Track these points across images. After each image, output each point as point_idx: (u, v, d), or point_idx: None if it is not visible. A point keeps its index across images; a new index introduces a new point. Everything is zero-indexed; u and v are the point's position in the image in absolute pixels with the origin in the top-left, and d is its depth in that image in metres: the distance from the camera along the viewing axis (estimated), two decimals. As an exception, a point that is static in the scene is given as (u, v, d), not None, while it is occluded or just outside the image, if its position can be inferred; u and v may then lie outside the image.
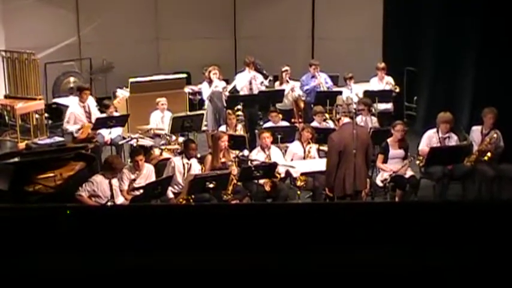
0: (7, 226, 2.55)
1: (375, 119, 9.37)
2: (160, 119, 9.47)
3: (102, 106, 9.47)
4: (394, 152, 8.06)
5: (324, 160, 7.22)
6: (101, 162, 8.23)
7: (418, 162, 8.15)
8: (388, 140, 8.09)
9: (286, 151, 8.36)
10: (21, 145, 10.28)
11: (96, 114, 9.28)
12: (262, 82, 10.51)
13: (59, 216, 2.56)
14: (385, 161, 8.06)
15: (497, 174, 8.01)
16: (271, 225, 2.54)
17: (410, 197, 7.85)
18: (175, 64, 12.74)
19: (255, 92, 10.34)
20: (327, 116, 9.12)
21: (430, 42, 11.01)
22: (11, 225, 2.55)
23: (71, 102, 9.87)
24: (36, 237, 2.50)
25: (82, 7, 12.66)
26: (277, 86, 10.81)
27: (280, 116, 9.40)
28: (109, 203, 7.08)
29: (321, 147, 8.23)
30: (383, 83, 10.58)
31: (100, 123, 8.96)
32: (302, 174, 7.77)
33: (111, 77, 12.46)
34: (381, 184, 7.93)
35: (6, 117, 11.27)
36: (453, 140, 8.19)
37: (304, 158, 8.15)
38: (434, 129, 8.24)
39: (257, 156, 8.03)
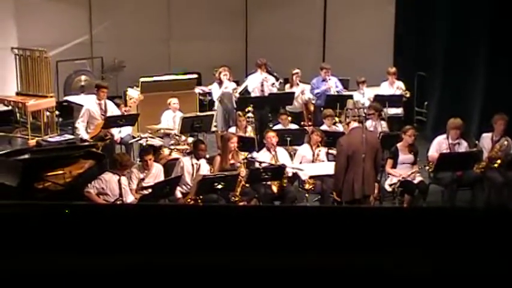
0: (15, 222, 2.54)
1: (384, 123, 9.36)
2: (172, 119, 9.47)
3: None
4: (404, 157, 8.03)
5: (333, 164, 7.20)
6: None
7: (427, 168, 8.12)
8: (398, 145, 8.07)
9: (295, 154, 8.35)
10: (32, 142, 10.31)
11: (114, 112, 9.19)
12: (273, 84, 10.51)
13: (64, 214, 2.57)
14: (394, 166, 8.04)
15: (506, 181, 7.95)
16: (278, 227, 2.53)
17: (418, 203, 7.82)
18: (186, 64, 12.75)
19: (266, 93, 10.36)
20: (337, 119, 9.15)
21: (441, 47, 10.99)
22: (18, 222, 2.55)
23: (88, 100, 9.84)
24: (41, 235, 2.50)
25: (95, 6, 12.69)
26: (287, 88, 10.82)
27: (290, 118, 9.41)
28: (118, 202, 7.07)
29: (330, 151, 8.24)
30: (393, 87, 10.56)
31: (111, 122, 8.95)
32: (310, 177, 7.80)
33: (122, 76, 12.49)
34: (389, 189, 7.91)
35: (18, 114, 11.31)
36: (463, 147, 8.15)
37: (313, 161, 8.15)
38: (444, 135, 8.21)
39: (263, 156, 8.02)
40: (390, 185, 7.92)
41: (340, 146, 6.82)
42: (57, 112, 11.27)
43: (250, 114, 9.52)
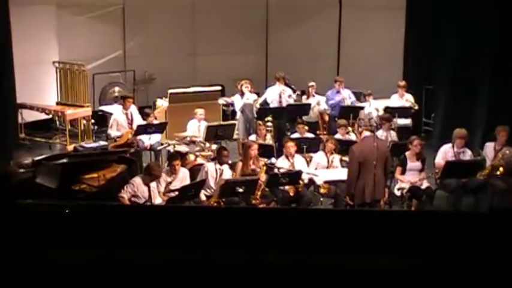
0: (54, 221, 2.57)
1: (394, 133, 9.29)
2: (197, 128, 9.47)
3: (143, 114, 9.54)
4: (412, 164, 7.96)
5: (346, 170, 7.20)
6: (141, 165, 8.32)
7: (433, 175, 8.05)
8: (406, 153, 8.00)
9: (311, 160, 8.32)
10: (70, 148, 10.35)
11: (138, 121, 9.28)
12: (290, 95, 10.46)
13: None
14: (403, 173, 7.97)
15: (508, 187, 7.86)
16: (295, 227, 2.54)
17: (425, 207, 7.77)
18: (210, 77, 12.78)
19: (284, 104, 10.30)
20: (350, 129, 9.11)
21: (448, 63, 10.89)
22: (58, 220, 2.58)
23: (115, 110, 9.92)
24: (74, 232, 2.53)
25: (128, 23, 12.74)
26: (304, 99, 10.81)
27: (306, 127, 9.36)
28: (147, 203, 7.09)
29: (343, 158, 8.19)
30: (403, 99, 10.48)
31: (141, 130, 9.00)
32: (325, 182, 7.79)
33: (152, 88, 12.52)
34: (398, 194, 7.85)
35: (57, 122, 11.37)
36: (467, 155, 8.09)
37: (327, 167, 8.14)
38: (450, 144, 8.14)
39: (282, 163, 7.98)
40: (399, 190, 7.87)
41: (353, 153, 6.81)
42: (92, 120, 11.32)
43: (269, 124, 9.51)
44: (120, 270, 2.39)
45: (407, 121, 10.34)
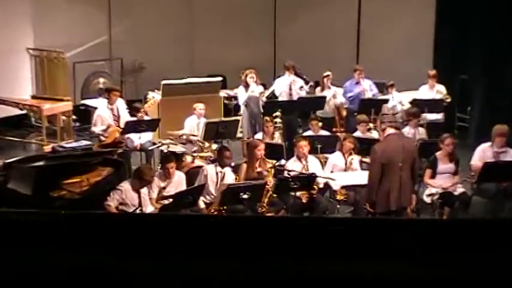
0: (29, 231, 2.61)
1: (423, 130, 9.27)
2: (196, 125, 9.43)
3: (132, 109, 9.49)
4: (443, 166, 7.93)
5: (367, 173, 7.13)
6: (130, 168, 8.32)
7: (468, 178, 8.05)
8: (437, 154, 7.97)
9: (326, 162, 8.29)
10: (47, 148, 10.13)
11: (126, 117, 9.22)
12: (301, 87, 10.44)
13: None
14: (433, 176, 7.95)
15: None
16: (307, 239, 2.56)
17: (460, 215, 7.74)
18: (210, 66, 12.73)
19: (295, 97, 10.29)
20: (371, 125, 9.01)
21: (484, 48, 10.84)
22: (33, 231, 2.61)
23: (99, 104, 9.88)
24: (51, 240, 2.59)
25: (114, 5, 12.77)
26: (318, 92, 10.73)
27: (321, 124, 9.29)
28: (137, 211, 7.06)
29: (364, 159, 8.16)
30: (433, 91, 10.47)
31: (130, 128, 8.90)
32: (342, 187, 7.74)
33: (143, 79, 12.51)
34: (428, 200, 7.83)
35: (33, 119, 11.38)
36: (509, 155, 8.03)
37: (345, 170, 8.08)
38: (489, 143, 8.10)
39: (293, 166, 7.94)
40: (429, 196, 7.83)
41: (375, 153, 6.75)
42: (73, 116, 11.32)
43: (278, 120, 9.44)
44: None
45: (438, 116, 10.34)
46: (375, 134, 8.78)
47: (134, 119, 9.16)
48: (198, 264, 2.46)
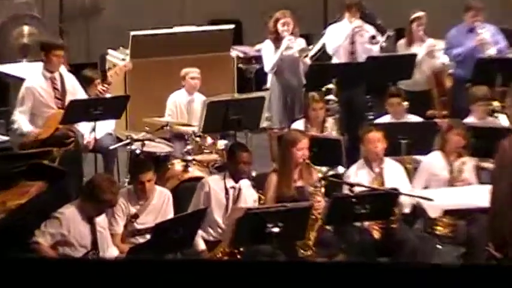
0: None
1: None
2: (185, 106, 7.85)
3: (82, 81, 7.55)
4: None
5: (489, 188, 5.65)
6: (79, 182, 7.02)
7: None
8: None
9: (416, 169, 7.07)
10: None
11: (77, 93, 7.39)
12: (373, 38, 8.29)
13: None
14: None
15: None
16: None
17: None
18: (213, 8, 10.44)
19: (361, 58, 8.36)
20: (497, 105, 7.39)
21: None
22: None
23: (27, 72, 8.05)
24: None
25: None
26: (401, 46, 8.76)
27: (406, 103, 7.61)
28: (90, 256, 6.00)
29: (483, 164, 6.84)
30: None
31: (77, 112, 7.17)
32: (446, 212, 6.59)
33: (98, 29, 10.38)
34: None
35: None
36: None
37: (449, 183, 6.81)
38: None
39: (359, 177, 6.72)
40: None
41: (504, 152, 5.54)
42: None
43: (331, 97, 7.75)
44: None
45: None
46: (502, 120, 7.34)
47: (85, 96, 7.48)
48: None
